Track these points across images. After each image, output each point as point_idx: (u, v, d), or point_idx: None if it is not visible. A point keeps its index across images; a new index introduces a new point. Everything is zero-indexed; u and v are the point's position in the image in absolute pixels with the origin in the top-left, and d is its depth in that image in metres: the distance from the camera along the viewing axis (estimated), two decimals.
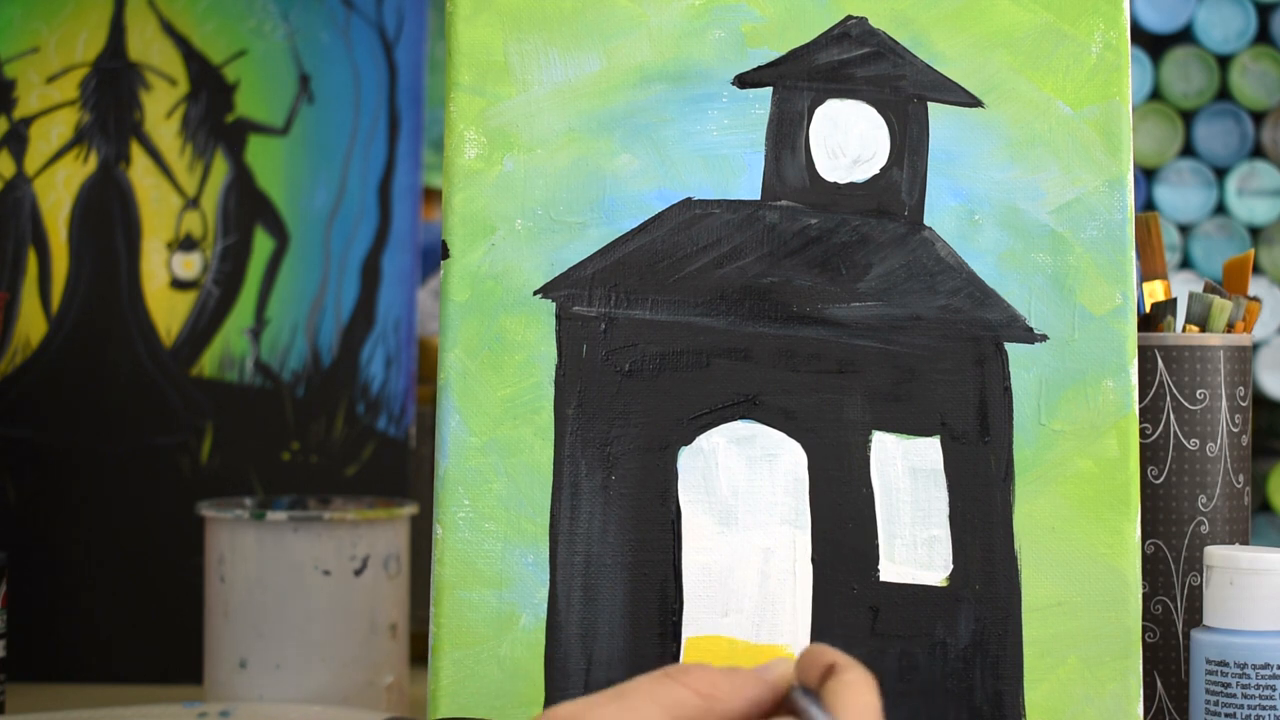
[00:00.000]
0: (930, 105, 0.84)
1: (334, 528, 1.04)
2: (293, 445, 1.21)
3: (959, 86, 0.84)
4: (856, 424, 0.83)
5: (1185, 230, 1.34)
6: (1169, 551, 0.91)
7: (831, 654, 0.64)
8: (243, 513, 1.04)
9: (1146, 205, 1.33)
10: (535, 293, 0.83)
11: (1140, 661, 0.82)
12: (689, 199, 0.84)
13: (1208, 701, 0.81)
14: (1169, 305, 0.94)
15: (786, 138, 0.84)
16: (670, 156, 0.84)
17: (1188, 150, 1.34)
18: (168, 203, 1.22)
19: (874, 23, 0.84)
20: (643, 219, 0.83)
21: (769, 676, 0.64)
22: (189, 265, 1.22)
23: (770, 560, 0.82)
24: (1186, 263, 1.33)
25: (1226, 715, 0.81)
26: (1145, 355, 0.91)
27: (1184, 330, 0.93)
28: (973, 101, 0.84)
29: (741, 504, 0.82)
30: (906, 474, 0.83)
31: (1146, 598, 0.90)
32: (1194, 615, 0.90)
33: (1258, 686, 0.80)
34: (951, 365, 0.83)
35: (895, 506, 0.82)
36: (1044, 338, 0.83)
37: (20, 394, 1.20)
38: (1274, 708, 0.80)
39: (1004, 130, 0.84)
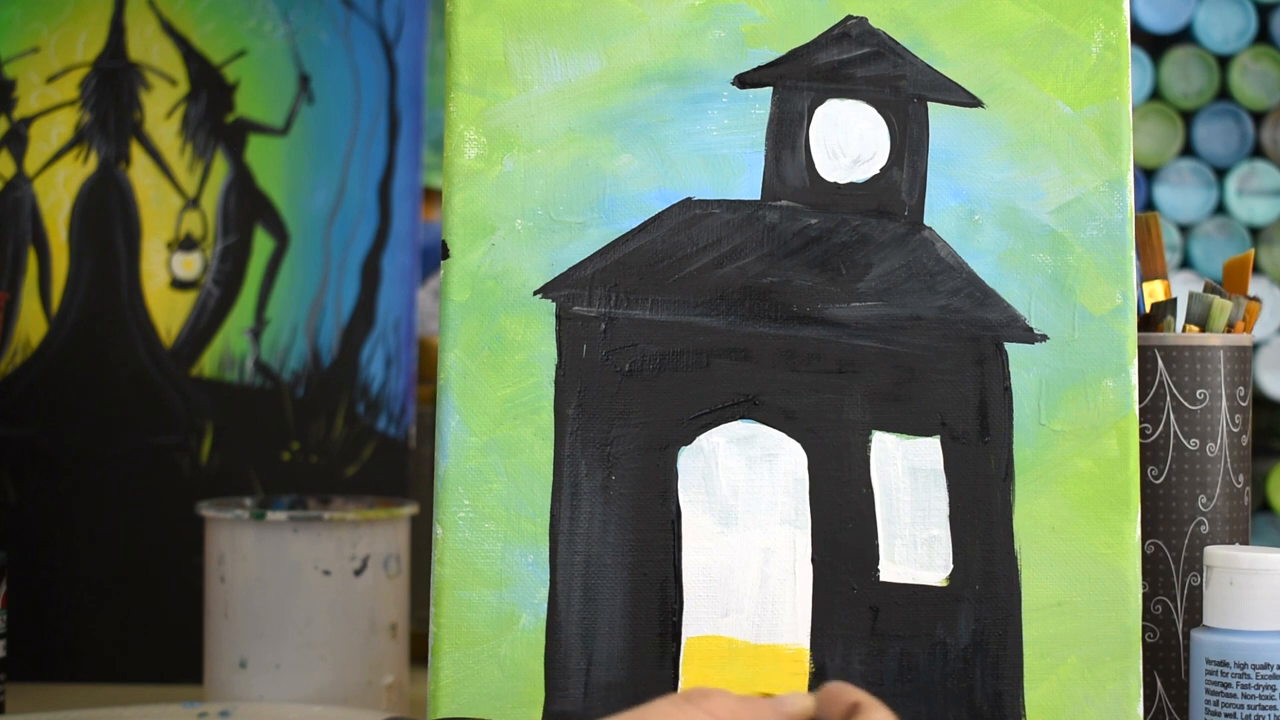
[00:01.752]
0: (930, 105, 0.84)
1: (334, 528, 1.04)
2: (293, 445, 1.21)
3: (959, 86, 0.84)
4: (856, 424, 0.83)
5: (1185, 230, 1.34)
6: (1169, 551, 0.91)
7: (855, 693, 0.63)
8: (243, 513, 1.04)
9: (1146, 205, 1.33)
10: (535, 293, 0.83)
11: (1140, 661, 0.82)
12: (689, 199, 0.84)
13: (1208, 701, 0.81)
14: (1169, 305, 0.94)
15: (786, 138, 0.84)
16: (670, 156, 0.84)
17: (1188, 150, 1.34)
18: (168, 203, 1.22)
19: (874, 23, 0.84)
20: (643, 219, 0.83)
21: (788, 709, 0.63)
22: (189, 265, 1.22)
23: (770, 560, 0.82)
24: (1186, 263, 1.33)
25: (1226, 715, 0.81)
26: (1145, 355, 0.91)
27: (1184, 330, 0.93)
28: (973, 101, 0.84)
29: (741, 504, 0.82)
30: (906, 474, 0.83)
31: (1146, 598, 0.90)
32: (1194, 615, 0.90)
33: (1258, 686, 0.80)
34: (951, 365, 0.83)
35: (895, 506, 0.82)
36: (1044, 338, 0.83)
37: (20, 394, 1.20)
38: (1274, 708, 0.80)
39: (1004, 130, 0.84)
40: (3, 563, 1.03)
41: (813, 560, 0.82)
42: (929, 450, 0.83)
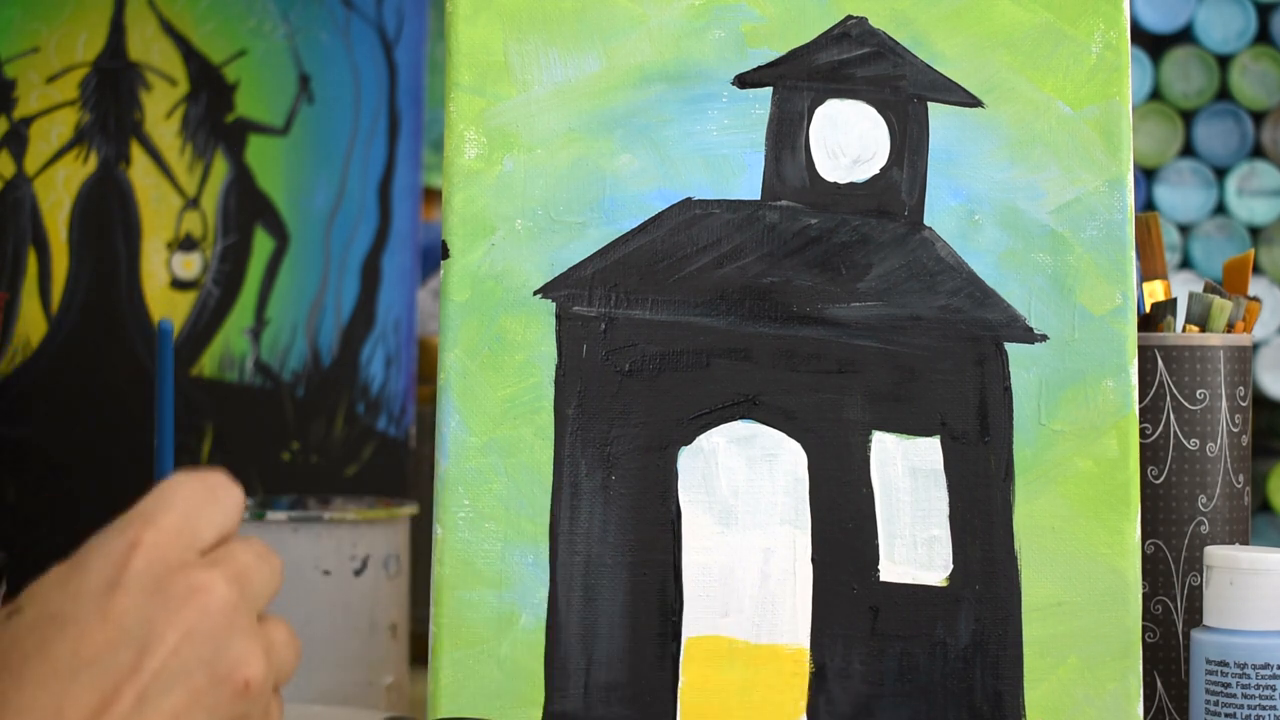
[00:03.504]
0: (930, 105, 0.84)
1: (334, 528, 1.04)
2: (293, 445, 1.21)
3: (959, 86, 0.84)
4: (856, 424, 0.83)
5: (1185, 230, 1.34)
6: (1169, 551, 0.91)
7: None
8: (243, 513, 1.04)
9: (1146, 205, 1.33)
10: (535, 293, 0.83)
11: (1140, 661, 0.82)
12: (689, 199, 0.84)
13: (1208, 701, 0.81)
14: (1169, 305, 0.94)
15: (786, 138, 0.84)
16: (670, 156, 0.84)
17: (1188, 150, 1.34)
18: (168, 203, 1.22)
19: (874, 23, 0.84)
20: (643, 219, 0.83)
21: None
22: (189, 265, 1.22)
23: (770, 560, 0.82)
24: (1186, 263, 1.33)
25: (1226, 715, 0.81)
26: (1145, 355, 0.91)
27: (1184, 330, 0.93)
28: (973, 101, 0.84)
29: (741, 504, 0.82)
30: (906, 474, 0.83)
31: (1146, 598, 0.90)
32: (1194, 615, 0.90)
33: (1258, 686, 0.80)
34: (951, 365, 0.83)
35: (895, 506, 0.82)
36: (1044, 338, 0.83)
37: (20, 394, 1.20)
38: (1274, 708, 0.80)
39: (1004, 130, 0.84)
40: (2, 563, 1.03)
41: (813, 560, 0.82)
42: (929, 450, 0.83)
